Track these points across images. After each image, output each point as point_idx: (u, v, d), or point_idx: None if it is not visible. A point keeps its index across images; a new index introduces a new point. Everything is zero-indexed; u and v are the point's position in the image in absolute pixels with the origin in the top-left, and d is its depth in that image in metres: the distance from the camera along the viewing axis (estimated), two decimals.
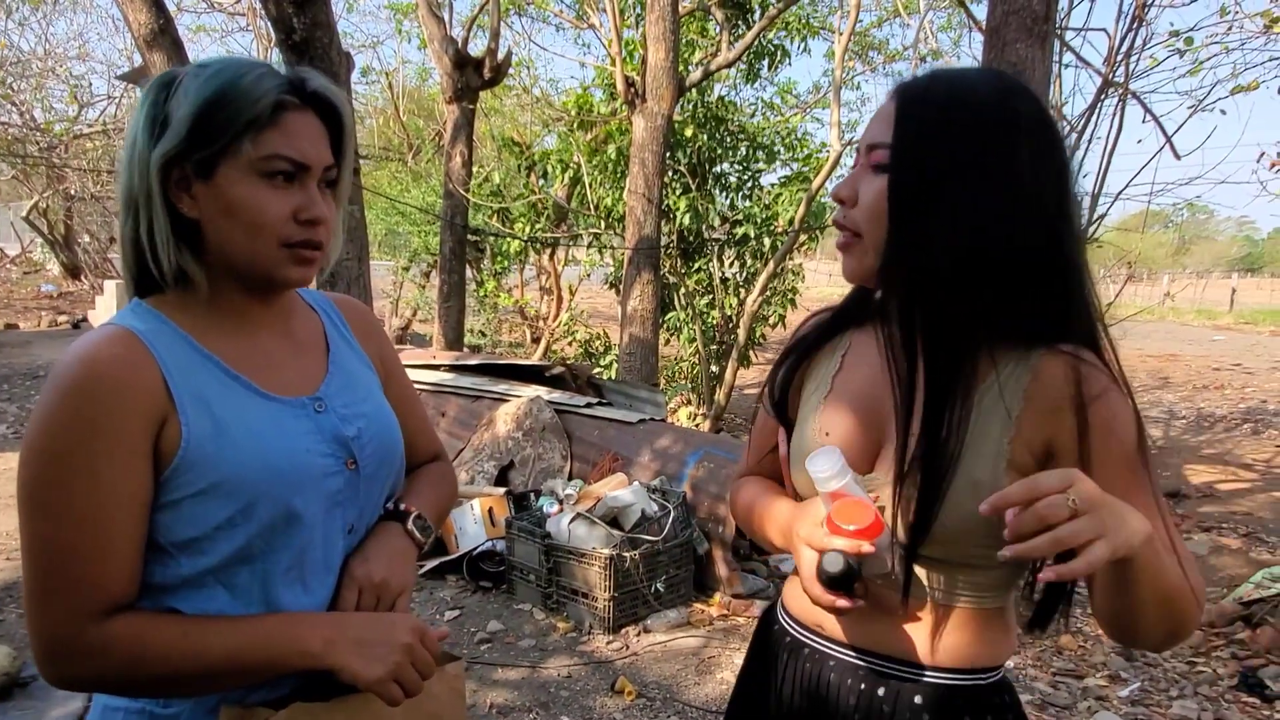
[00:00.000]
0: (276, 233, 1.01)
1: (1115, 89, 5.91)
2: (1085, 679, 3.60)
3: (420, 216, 12.43)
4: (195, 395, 0.98)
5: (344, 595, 1.08)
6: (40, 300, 14.47)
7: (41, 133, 14.58)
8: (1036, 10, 3.90)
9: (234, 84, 0.98)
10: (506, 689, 3.40)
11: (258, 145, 0.98)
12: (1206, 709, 3.34)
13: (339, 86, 1.09)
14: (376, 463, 1.13)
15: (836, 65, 7.91)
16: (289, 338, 1.13)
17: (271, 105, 0.99)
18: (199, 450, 0.96)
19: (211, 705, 1.01)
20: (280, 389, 1.07)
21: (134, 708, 1.02)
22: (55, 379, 0.93)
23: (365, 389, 1.17)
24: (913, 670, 1.12)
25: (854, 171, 1.10)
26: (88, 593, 0.93)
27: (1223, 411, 9.41)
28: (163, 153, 0.97)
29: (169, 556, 0.98)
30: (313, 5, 4.15)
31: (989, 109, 1.02)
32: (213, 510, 0.97)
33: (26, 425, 0.95)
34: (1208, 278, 34.99)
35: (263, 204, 1.00)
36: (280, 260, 1.03)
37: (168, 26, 6.90)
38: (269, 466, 1.00)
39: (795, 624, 1.24)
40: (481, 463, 5.34)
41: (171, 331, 1.01)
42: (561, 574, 4.06)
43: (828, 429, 1.15)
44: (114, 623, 0.94)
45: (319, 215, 1.03)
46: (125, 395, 0.93)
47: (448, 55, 8.80)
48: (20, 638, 3.69)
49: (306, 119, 1.03)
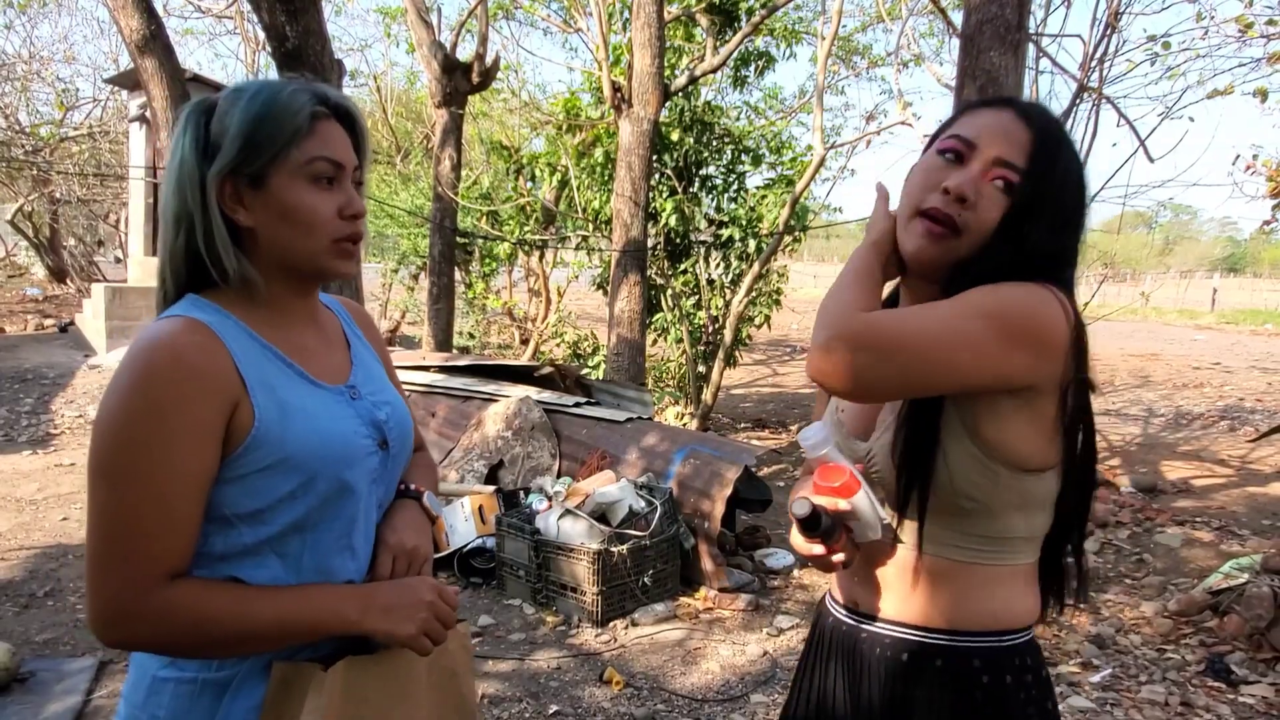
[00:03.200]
0: (328, 230, 1.13)
1: (1090, 94, 6.04)
2: (1059, 666, 3.71)
3: (409, 219, 12.47)
4: (262, 380, 1.09)
5: (381, 561, 1.20)
6: (25, 304, 14.40)
7: (27, 136, 14.53)
8: (1009, 19, 4.01)
9: (275, 100, 1.10)
10: (497, 680, 3.49)
11: (303, 150, 1.11)
12: (1174, 693, 3.46)
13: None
14: (400, 444, 1.25)
15: (819, 70, 8.02)
16: (321, 332, 1.25)
17: (310, 115, 1.11)
18: (268, 430, 1.07)
19: (264, 664, 1.10)
20: (322, 377, 1.18)
21: (184, 677, 1.10)
22: (133, 361, 1.02)
23: (381, 379, 1.30)
24: (932, 634, 1.21)
25: (973, 175, 1.18)
26: (151, 562, 1.02)
27: (1201, 409, 9.56)
28: (218, 170, 1.09)
29: (231, 527, 1.08)
30: (305, 14, 4.23)
31: (1074, 148, 1.24)
32: (278, 483, 1.08)
33: (101, 402, 1.02)
34: (1191, 277, 35.33)
35: (314, 204, 1.12)
36: (331, 254, 1.15)
37: (159, 32, 6.95)
38: (326, 444, 1.11)
39: (836, 605, 1.38)
40: (471, 462, 5.42)
41: (233, 323, 1.11)
42: (550, 569, 4.15)
43: (842, 406, 1.35)
44: (174, 589, 1.03)
45: (360, 209, 1.15)
46: (203, 379, 1.03)
47: (436, 60, 8.87)
48: (18, 635, 3.75)
49: (335, 126, 1.15)
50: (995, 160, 1.17)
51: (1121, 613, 4.34)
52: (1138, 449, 7.75)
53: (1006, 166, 1.17)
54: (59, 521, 5.34)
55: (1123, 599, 4.52)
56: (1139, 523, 5.59)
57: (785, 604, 4.40)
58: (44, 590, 4.27)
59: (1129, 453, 7.57)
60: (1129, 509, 5.79)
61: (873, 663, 1.26)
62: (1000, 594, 1.20)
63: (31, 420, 7.70)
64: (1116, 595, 4.58)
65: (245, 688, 1.10)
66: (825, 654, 1.36)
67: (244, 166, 1.09)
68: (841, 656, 1.32)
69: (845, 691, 1.30)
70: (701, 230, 9.52)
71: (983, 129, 1.20)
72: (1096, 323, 6.39)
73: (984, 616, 1.20)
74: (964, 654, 1.20)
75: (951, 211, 1.17)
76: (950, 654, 1.20)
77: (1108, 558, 5.13)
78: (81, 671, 3.43)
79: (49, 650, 3.66)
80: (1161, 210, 8.92)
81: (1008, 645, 1.21)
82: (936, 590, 1.21)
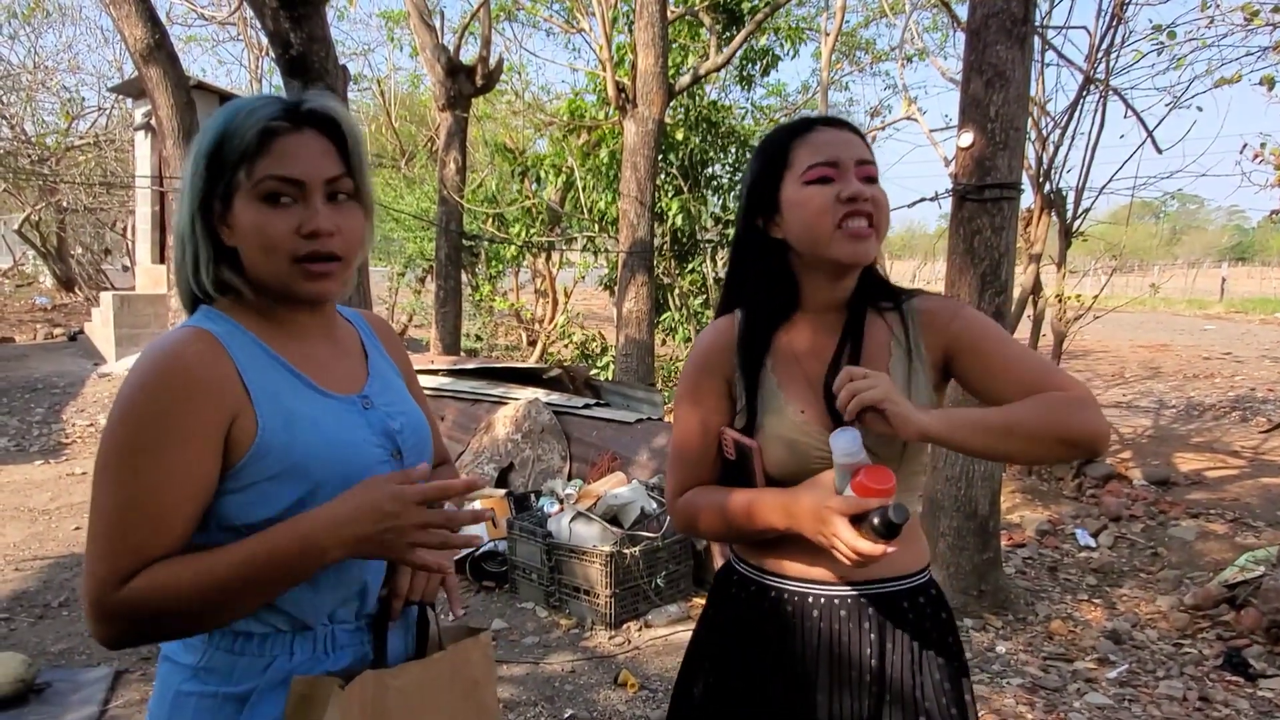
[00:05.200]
0: (285, 250, 1.09)
1: (1096, 85, 6.01)
2: (1075, 662, 3.70)
3: (414, 223, 12.49)
4: (267, 390, 1.09)
5: (400, 573, 1.20)
6: (34, 313, 14.46)
7: (33, 145, 14.60)
8: (1015, 12, 3.99)
9: (229, 123, 1.09)
10: (512, 685, 3.49)
11: (251, 173, 1.08)
12: (1192, 688, 3.44)
13: (337, 100, 1.18)
14: (416, 454, 1.24)
15: (823, 66, 8.01)
16: (335, 344, 1.25)
17: (258, 134, 1.08)
18: (272, 439, 1.07)
19: (283, 678, 1.10)
20: (333, 387, 1.18)
21: (206, 691, 1.11)
22: (140, 369, 1.04)
23: (399, 391, 1.29)
24: (867, 585, 1.37)
25: (856, 182, 1.31)
26: (131, 558, 1.01)
27: (1212, 400, 9.51)
28: (193, 193, 1.10)
29: (242, 537, 1.07)
30: (309, 21, 4.23)
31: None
32: (284, 492, 1.08)
33: (110, 409, 1.04)
34: (1199, 267, 35.16)
35: (264, 225, 1.08)
36: (294, 275, 1.11)
37: (163, 41, 6.98)
38: (333, 454, 1.11)
39: (791, 581, 1.41)
40: (481, 465, 5.42)
41: (242, 333, 1.12)
42: (563, 572, 4.15)
43: (802, 408, 1.36)
44: (142, 575, 1.01)
45: (317, 227, 1.09)
46: (204, 389, 1.04)
47: (440, 63, 8.87)
48: (33, 645, 3.77)
49: (302, 139, 1.10)
50: (858, 162, 1.32)
51: (1137, 607, 4.32)
52: (1149, 441, 7.71)
53: (868, 164, 1.33)
54: (72, 531, 5.35)
55: (1138, 593, 4.50)
56: (1152, 516, 5.57)
57: None
58: (58, 600, 4.29)
59: (1141, 445, 7.53)
60: (1142, 502, 5.76)
61: (875, 620, 1.37)
62: (920, 533, 1.45)
63: (43, 430, 7.73)
64: (1131, 589, 4.55)
65: (264, 702, 1.10)
66: (755, 622, 1.42)
67: (213, 188, 1.10)
68: (781, 621, 1.39)
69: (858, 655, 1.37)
70: (708, 229, 9.51)
71: (828, 146, 1.33)
72: (1106, 314, 6.38)
73: (924, 550, 1.45)
74: (923, 587, 1.42)
75: (868, 209, 1.31)
76: (922, 590, 1.42)
77: (1121, 551, 5.11)
78: (97, 681, 3.43)
79: (65, 660, 3.67)
80: (1169, 200, 8.88)
81: (920, 584, 1.43)
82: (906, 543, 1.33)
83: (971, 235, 4.07)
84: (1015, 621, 4.10)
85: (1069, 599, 4.44)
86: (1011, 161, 4.05)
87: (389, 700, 1.12)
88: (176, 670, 1.13)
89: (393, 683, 1.13)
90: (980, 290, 4.05)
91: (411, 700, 1.15)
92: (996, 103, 3.99)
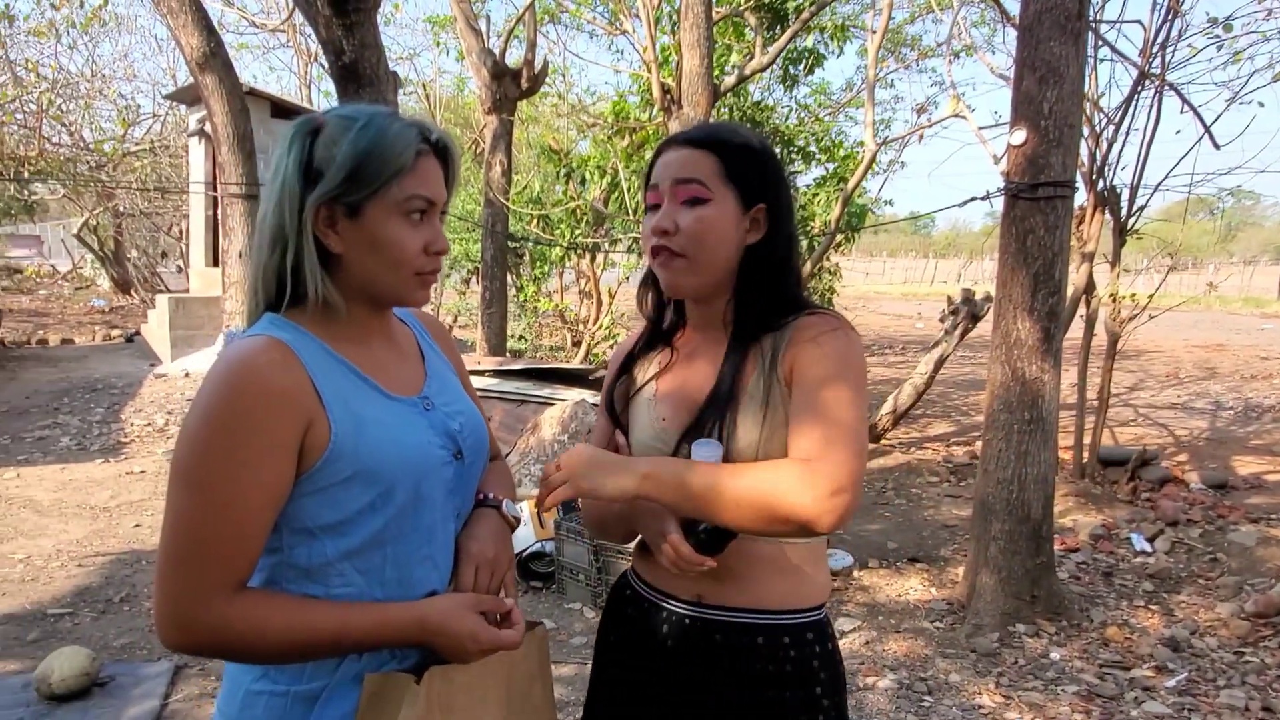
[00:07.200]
0: (413, 264, 1.17)
1: (1152, 81, 5.89)
2: (1132, 670, 3.63)
3: (459, 224, 12.61)
4: (338, 396, 1.12)
5: (464, 571, 1.22)
6: (92, 315, 14.84)
7: (91, 152, 14.97)
8: (1069, 7, 3.93)
9: (383, 136, 1.13)
10: (560, 685, 3.51)
11: (402, 187, 1.14)
12: (1254, 698, 3.36)
13: (387, 104, 1.22)
14: (476, 454, 1.28)
15: (870, 64, 7.93)
16: (395, 347, 1.27)
17: (414, 153, 1.14)
18: (345, 443, 1.10)
19: (354, 675, 1.13)
20: (395, 389, 1.21)
21: (276, 690, 1.13)
22: (215, 378, 1.06)
23: (455, 390, 1.32)
24: (753, 615, 1.33)
25: (666, 209, 1.32)
26: (217, 570, 1.05)
27: (1271, 401, 9.26)
28: (318, 196, 1.12)
29: (314, 539, 1.11)
30: (361, 28, 4.29)
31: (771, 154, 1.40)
32: (356, 495, 1.11)
33: (186, 416, 1.07)
34: (1256, 264, 34.25)
35: (404, 239, 1.15)
36: (412, 286, 1.20)
37: (218, 49, 7.13)
38: (401, 455, 1.14)
39: (669, 600, 1.40)
40: (528, 466, 5.45)
41: (310, 340, 1.14)
42: (610, 573, 4.16)
43: (663, 415, 1.40)
44: (234, 601, 1.05)
45: (445, 247, 1.20)
46: (280, 397, 1.06)
47: (486, 67, 8.95)
48: (96, 640, 3.87)
49: (432, 163, 1.18)
50: (674, 183, 1.32)
51: (1196, 614, 4.23)
52: (1206, 443, 7.53)
53: (685, 183, 1.31)
54: (132, 528, 5.49)
55: (1196, 600, 4.40)
56: (1210, 520, 5.44)
57: (846, 606, 4.36)
58: (120, 596, 4.40)
59: (1197, 447, 7.36)
60: (1199, 506, 5.63)
61: (736, 651, 1.33)
62: (808, 571, 1.36)
63: (102, 429, 7.93)
64: (1190, 596, 4.46)
65: (335, 698, 1.12)
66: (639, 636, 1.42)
67: (344, 196, 1.12)
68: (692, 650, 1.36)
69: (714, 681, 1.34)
70: None
71: (657, 172, 1.35)
72: (1161, 314, 6.24)
73: (814, 590, 1.36)
74: (799, 628, 1.34)
75: (664, 243, 1.32)
76: (793, 630, 1.34)
77: (1179, 557, 5.00)
78: (158, 676, 3.52)
79: (126, 655, 3.77)
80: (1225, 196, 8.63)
81: (823, 616, 1.38)
82: (750, 576, 1.33)
83: (1024, 235, 4.01)
84: (1069, 628, 4.03)
85: (1125, 605, 4.36)
86: (1065, 159, 3.98)
87: (455, 695, 1.14)
88: (246, 669, 1.15)
89: (458, 677, 1.15)
90: (1033, 290, 3.99)
91: (474, 694, 1.17)
92: (1050, 100, 3.93)
